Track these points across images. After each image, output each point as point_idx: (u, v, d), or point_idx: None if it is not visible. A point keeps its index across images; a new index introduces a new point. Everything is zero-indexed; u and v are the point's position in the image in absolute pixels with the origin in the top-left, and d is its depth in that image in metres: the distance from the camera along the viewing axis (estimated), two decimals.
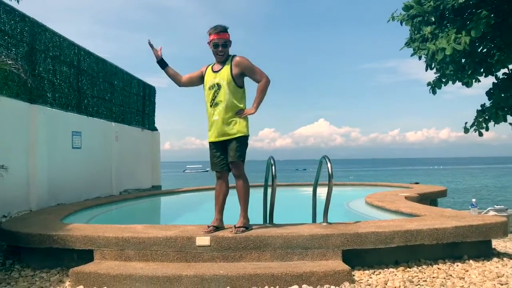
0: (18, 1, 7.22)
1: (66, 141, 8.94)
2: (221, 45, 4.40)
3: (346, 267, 3.83)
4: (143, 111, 13.53)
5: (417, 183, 12.46)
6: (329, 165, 4.70)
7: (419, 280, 3.82)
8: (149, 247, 4.18)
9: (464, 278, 3.90)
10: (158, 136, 14.42)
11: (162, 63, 4.69)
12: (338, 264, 3.92)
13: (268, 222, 4.73)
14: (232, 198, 4.57)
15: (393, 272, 4.07)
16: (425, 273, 4.03)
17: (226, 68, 4.42)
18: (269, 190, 4.83)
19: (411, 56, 10.53)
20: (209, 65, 4.63)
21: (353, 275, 3.89)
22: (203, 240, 4.12)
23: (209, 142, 4.55)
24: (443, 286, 3.67)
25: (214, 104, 4.41)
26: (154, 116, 14.44)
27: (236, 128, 4.40)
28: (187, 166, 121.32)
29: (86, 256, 4.31)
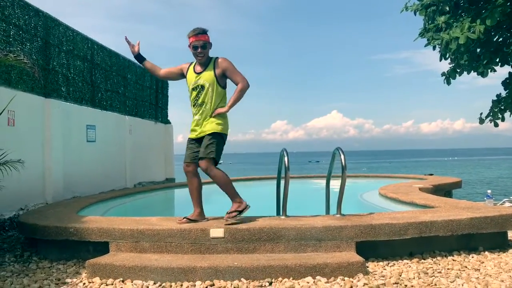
0: None
1: (81, 135, 9.03)
2: (200, 46, 4.50)
3: (360, 258, 3.83)
4: (156, 104, 13.59)
5: (431, 174, 12.38)
6: (342, 157, 4.69)
7: (433, 272, 3.81)
8: (164, 239, 4.22)
9: (479, 269, 3.87)
10: (171, 129, 14.49)
11: (139, 58, 4.86)
12: (352, 256, 3.92)
13: (281, 214, 4.74)
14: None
15: (407, 263, 4.06)
16: (439, 264, 4.02)
17: (210, 69, 4.54)
18: (282, 182, 4.84)
19: (425, 46, 10.42)
20: (190, 64, 4.73)
21: (367, 267, 3.89)
22: (217, 232, 4.15)
23: (189, 138, 4.68)
24: (458, 277, 3.65)
25: (197, 104, 4.56)
26: (167, 109, 14.50)
27: (210, 126, 4.52)
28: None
29: (102, 248, 4.36)
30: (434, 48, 10.23)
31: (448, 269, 3.89)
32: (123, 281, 3.76)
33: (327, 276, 3.67)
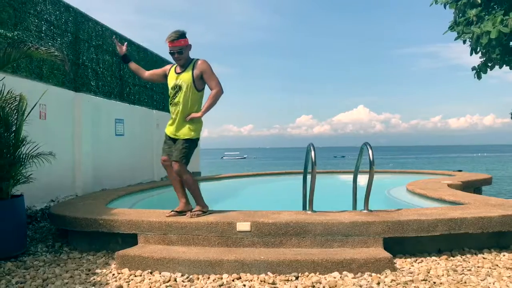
0: None
1: (110, 128, 9.18)
2: (176, 52, 4.56)
3: (387, 254, 3.80)
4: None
5: (460, 170, 12.16)
6: (370, 152, 4.66)
7: (463, 269, 3.75)
8: (191, 232, 4.27)
9: (511, 268, 3.79)
10: None
11: (125, 58, 5.00)
12: (379, 252, 3.89)
13: (307, 209, 4.73)
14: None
15: (436, 260, 4.01)
16: (469, 262, 3.95)
17: (188, 71, 4.61)
18: (309, 177, 4.83)
19: (455, 40, 10.19)
20: (173, 65, 4.82)
21: (395, 263, 3.86)
22: (244, 226, 4.17)
23: (166, 134, 4.80)
24: (489, 276, 3.58)
25: (173, 103, 4.66)
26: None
27: (183, 131, 4.63)
28: (225, 153, 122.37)
29: (130, 240, 4.44)
30: (464, 42, 9.99)
31: (478, 267, 3.82)
32: (151, 273, 3.83)
33: (354, 271, 3.66)
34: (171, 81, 4.69)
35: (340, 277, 3.58)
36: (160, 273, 3.80)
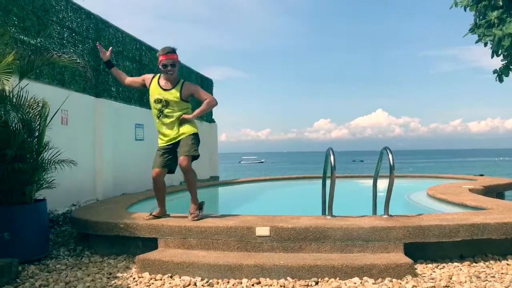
0: None
1: (130, 133, 9.28)
2: (169, 65, 4.73)
3: (408, 260, 3.76)
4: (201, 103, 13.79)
5: (481, 175, 11.95)
6: (390, 156, 4.62)
7: (486, 276, 3.69)
8: (211, 236, 4.29)
9: None
10: (216, 128, 14.65)
11: (108, 64, 5.13)
12: (400, 257, 3.85)
13: (327, 213, 4.71)
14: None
15: (458, 266, 3.95)
16: (493, 268, 3.89)
17: (176, 90, 4.76)
18: (328, 182, 4.81)
19: (476, 42, 10.08)
20: (154, 76, 4.94)
21: (416, 269, 3.81)
22: (263, 230, 4.17)
23: (159, 147, 4.91)
24: None
25: (162, 115, 4.80)
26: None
27: (187, 128, 4.79)
28: (243, 157, 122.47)
29: (151, 244, 4.48)
30: (485, 44, 9.87)
31: (502, 273, 3.76)
32: (171, 277, 3.86)
33: (374, 277, 3.63)
34: (154, 93, 4.82)
35: (361, 282, 3.56)
36: (180, 277, 3.82)
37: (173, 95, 4.75)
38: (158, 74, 4.92)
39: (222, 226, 4.29)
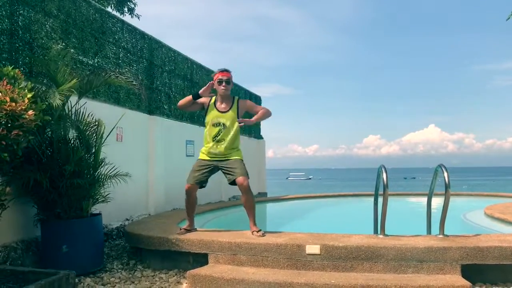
0: (138, 18, 7.83)
1: (181, 150, 9.47)
2: (224, 81, 4.94)
3: (466, 282, 3.61)
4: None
5: None
6: (445, 174, 4.48)
7: None
8: (260, 253, 4.28)
9: None
10: (264, 144, 14.70)
11: (198, 96, 5.07)
12: (457, 279, 3.70)
13: (379, 232, 4.60)
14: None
15: None
16: None
17: (233, 110, 4.99)
18: (380, 199, 4.71)
19: None
20: (211, 99, 5.10)
21: None
22: (313, 249, 4.12)
23: (203, 159, 5.10)
24: None
25: (217, 140, 4.97)
26: (259, 124, 14.76)
27: (237, 154, 5.04)
28: (290, 174, 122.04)
29: (201, 259, 4.53)
30: None
31: None
32: None
33: None
34: (212, 117, 5.01)
35: None
36: None
37: (231, 116, 4.97)
38: (214, 96, 5.10)
39: (272, 243, 4.27)
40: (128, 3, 18.04)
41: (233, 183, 4.95)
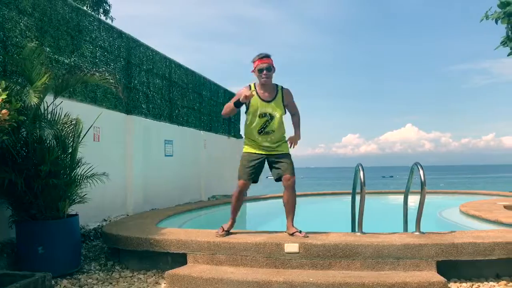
0: (112, 20, 7.75)
1: (159, 149, 9.40)
2: (265, 69, 4.57)
3: (441, 278, 3.68)
4: (229, 119, 13.88)
5: None
6: (421, 172, 4.55)
7: None
8: (239, 252, 4.28)
9: None
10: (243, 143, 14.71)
11: (240, 104, 4.68)
12: (432, 275, 3.77)
13: (357, 230, 4.65)
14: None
15: (494, 286, 3.85)
16: None
17: (279, 100, 4.69)
18: (357, 198, 4.76)
19: (508, 55, 9.88)
20: (250, 89, 4.66)
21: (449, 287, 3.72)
22: (292, 247, 4.15)
23: (252, 153, 4.75)
24: None
25: (264, 132, 4.67)
26: (239, 124, 14.77)
27: (285, 147, 4.77)
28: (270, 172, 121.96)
29: (180, 259, 4.51)
30: None
31: None
32: None
33: None
34: (257, 108, 4.64)
35: None
36: None
37: (278, 106, 4.68)
38: (253, 83, 4.76)
39: (251, 242, 4.28)
40: (104, 4, 17.85)
41: (278, 179, 4.73)
